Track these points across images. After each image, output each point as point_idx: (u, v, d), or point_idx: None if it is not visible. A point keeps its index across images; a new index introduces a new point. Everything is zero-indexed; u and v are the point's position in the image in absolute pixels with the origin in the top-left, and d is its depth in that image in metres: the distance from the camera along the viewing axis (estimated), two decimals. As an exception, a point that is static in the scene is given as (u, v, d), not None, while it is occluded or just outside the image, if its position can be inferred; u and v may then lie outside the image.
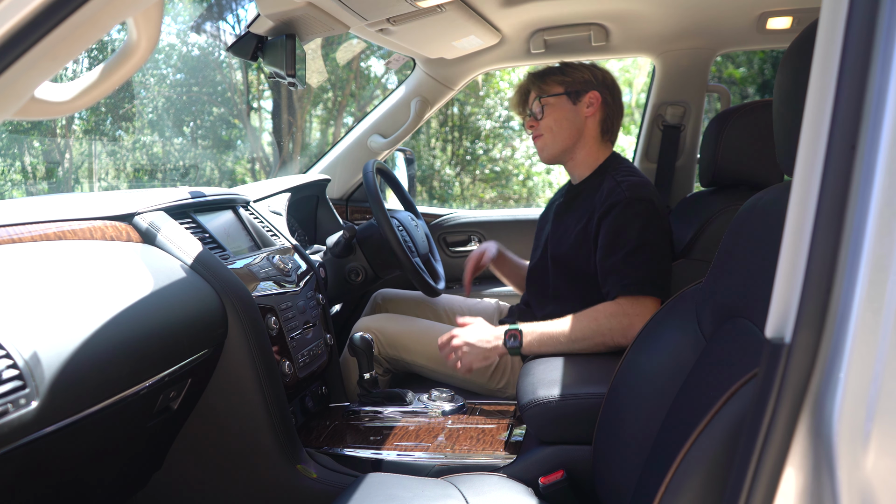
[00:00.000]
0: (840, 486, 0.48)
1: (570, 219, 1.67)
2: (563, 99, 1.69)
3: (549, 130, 1.69)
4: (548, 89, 1.70)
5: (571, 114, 1.70)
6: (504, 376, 1.71)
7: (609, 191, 1.57)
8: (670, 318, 1.03)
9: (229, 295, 1.28)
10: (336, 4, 1.45)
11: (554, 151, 1.71)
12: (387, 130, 2.34)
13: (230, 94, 10.39)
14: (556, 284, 1.66)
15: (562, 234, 1.67)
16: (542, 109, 1.69)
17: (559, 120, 1.70)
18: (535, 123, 1.71)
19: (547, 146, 1.71)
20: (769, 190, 0.86)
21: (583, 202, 1.66)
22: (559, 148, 1.71)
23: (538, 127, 1.71)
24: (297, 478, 1.33)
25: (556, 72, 1.71)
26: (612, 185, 1.58)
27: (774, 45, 2.11)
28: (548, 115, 1.69)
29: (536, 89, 1.71)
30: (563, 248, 1.64)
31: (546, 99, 1.69)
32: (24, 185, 8.06)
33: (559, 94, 1.68)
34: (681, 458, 0.65)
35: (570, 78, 1.70)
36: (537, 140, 1.72)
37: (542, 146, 1.72)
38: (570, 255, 1.62)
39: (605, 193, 1.57)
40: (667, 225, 1.56)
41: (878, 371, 0.48)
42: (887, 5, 0.48)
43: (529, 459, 1.28)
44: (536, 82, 1.72)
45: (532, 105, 1.72)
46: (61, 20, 0.55)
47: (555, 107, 1.69)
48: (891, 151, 0.47)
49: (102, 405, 0.95)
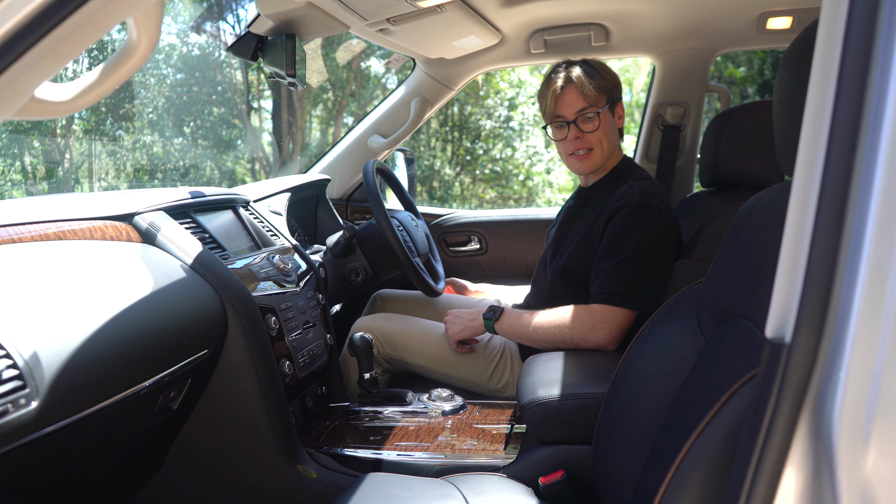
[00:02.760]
0: (840, 486, 0.48)
1: (577, 224, 1.64)
2: (608, 111, 1.61)
3: (598, 144, 1.60)
4: (598, 99, 1.58)
5: (612, 126, 1.63)
6: (504, 376, 1.71)
7: (621, 194, 1.53)
8: (670, 318, 1.03)
9: (229, 295, 1.28)
10: (336, 4, 1.45)
11: (598, 165, 1.63)
12: (387, 130, 2.34)
13: (230, 94, 10.39)
14: (554, 286, 1.65)
15: (566, 240, 1.65)
16: (597, 123, 1.57)
17: (608, 133, 1.61)
18: (581, 135, 1.59)
19: (596, 161, 1.62)
20: (769, 190, 0.86)
21: (593, 206, 1.62)
22: (602, 162, 1.64)
23: (584, 140, 1.59)
24: (297, 478, 1.33)
25: (598, 75, 1.59)
26: (624, 189, 1.54)
27: (774, 45, 2.11)
28: (601, 128, 1.59)
29: (585, 98, 1.57)
30: (565, 254, 1.62)
31: (605, 113, 1.58)
32: (24, 185, 8.06)
33: (605, 105, 1.59)
34: (681, 458, 0.65)
35: (610, 83, 1.61)
36: (586, 157, 1.61)
37: (592, 162, 1.62)
38: (571, 261, 1.60)
39: (616, 197, 1.54)
40: (673, 233, 1.53)
41: (878, 371, 0.48)
42: (887, 5, 0.48)
43: (529, 459, 1.28)
44: (587, 88, 1.57)
45: (579, 119, 1.58)
46: (61, 20, 0.55)
47: (603, 118, 1.59)
48: (891, 151, 0.47)
49: (102, 405, 0.95)
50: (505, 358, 1.71)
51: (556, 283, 1.64)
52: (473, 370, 1.71)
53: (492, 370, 1.71)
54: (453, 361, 1.72)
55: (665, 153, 2.24)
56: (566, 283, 1.62)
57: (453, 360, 1.72)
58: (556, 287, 1.64)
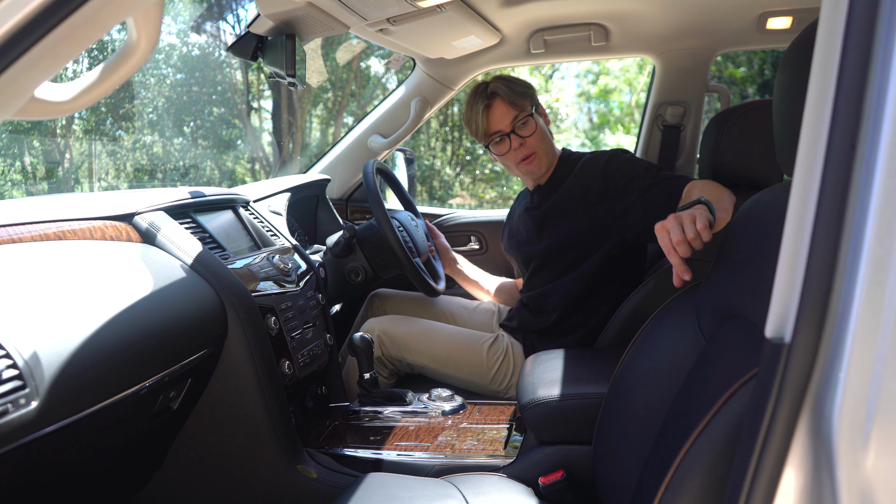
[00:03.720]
0: (840, 486, 0.48)
1: (553, 205, 1.68)
2: (535, 114, 1.69)
3: (540, 145, 1.68)
4: (524, 105, 1.66)
5: (544, 126, 1.72)
6: (506, 378, 1.71)
7: (590, 160, 1.62)
8: (670, 318, 1.03)
9: (229, 295, 1.28)
10: (336, 4, 1.45)
11: (546, 166, 1.71)
12: (387, 130, 2.34)
13: (230, 94, 10.40)
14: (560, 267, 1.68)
15: (550, 219, 1.68)
16: (534, 126, 1.66)
17: (544, 134, 1.70)
18: (523, 141, 1.67)
19: (542, 162, 1.70)
20: (769, 190, 0.86)
21: (560, 188, 1.67)
22: (549, 162, 1.71)
23: (527, 145, 1.67)
24: (297, 478, 1.33)
25: (513, 85, 1.67)
26: (588, 158, 1.64)
27: (774, 45, 2.11)
28: (538, 130, 1.67)
29: (513, 106, 1.65)
30: (557, 229, 1.65)
31: (535, 116, 1.66)
32: (24, 185, 8.07)
33: (532, 109, 1.68)
34: (681, 458, 0.65)
35: (525, 90, 1.69)
36: (531, 161, 1.68)
37: (538, 164, 1.69)
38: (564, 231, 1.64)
39: (587, 163, 1.62)
40: None
41: (878, 371, 0.48)
42: (887, 5, 0.48)
43: (529, 459, 1.28)
44: (511, 98, 1.65)
45: (515, 128, 1.65)
46: (61, 20, 0.55)
47: (536, 120, 1.68)
48: (891, 151, 0.47)
49: (102, 405, 0.95)
50: (508, 359, 1.71)
51: (563, 261, 1.67)
52: (476, 371, 1.71)
53: (494, 371, 1.71)
54: (456, 362, 1.73)
55: (665, 153, 2.24)
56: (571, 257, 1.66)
57: (456, 361, 1.73)
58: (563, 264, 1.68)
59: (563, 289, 1.67)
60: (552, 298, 1.69)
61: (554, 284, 1.69)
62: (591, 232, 1.61)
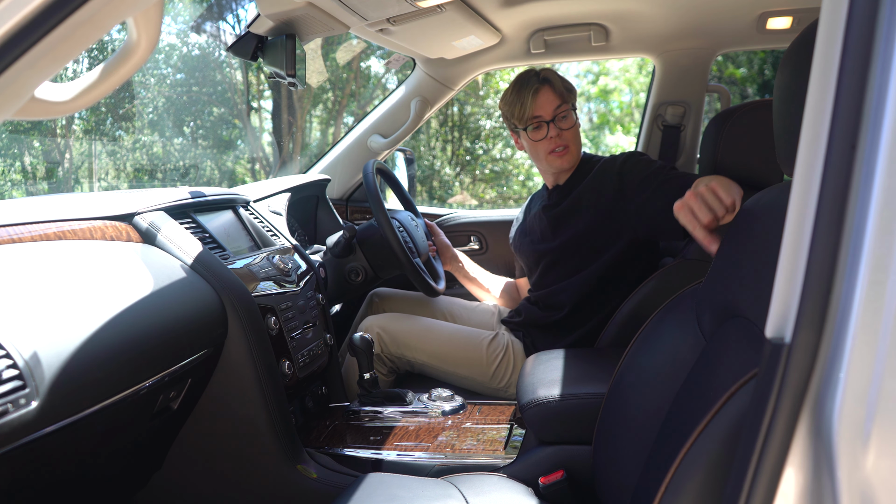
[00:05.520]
0: (840, 486, 0.48)
1: (569, 204, 1.70)
2: (575, 110, 1.74)
3: (575, 140, 1.73)
4: (570, 97, 1.72)
5: (579, 124, 1.77)
6: (506, 376, 1.71)
7: (608, 162, 1.66)
8: (670, 318, 1.03)
9: (229, 295, 1.28)
10: (336, 4, 1.45)
11: (575, 162, 1.75)
12: (387, 130, 2.34)
13: (230, 94, 10.40)
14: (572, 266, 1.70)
15: (566, 217, 1.70)
16: (573, 121, 1.71)
17: (578, 133, 1.75)
18: (559, 132, 1.70)
19: (573, 157, 1.73)
20: (769, 190, 0.86)
21: (578, 188, 1.70)
22: (577, 158, 1.75)
23: (563, 136, 1.70)
24: (297, 478, 1.33)
25: (563, 79, 1.73)
26: (606, 160, 1.67)
27: (774, 45, 2.11)
28: (576, 125, 1.73)
29: (560, 95, 1.70)
30: (572, 227, 1.68)
31: (575, 112, 1.72)
32: (24, 185, 8.07)
33: (574, 104, 1.73)
34: (681, 458, 0.65)
35: (572, 88, 1.75)
36: (562, 154, 1.71)
37: (570, 158, 1.73)
38: (580, 228, 1.66)
39: (605, 165, 1.65)
40: None
41: (878, 371, 0.48)
42: (887, 5, 0.48)
43: (529, 459, 1.28)
44: (561, 87, 1.70)
45: (556, 118, 1.69)
46: (61, 20, 0.55)
47: (574, 117, 1.73)
48: (891, 151, 0.47)
49: (102, 405, 0.95)
50: (508, 356, 1.72)
51: (574, 260, 1.70)
52: (476, 368, 1.72)
53: (494, 368, 1.71)
54: (456, 359, 1.73)
55: (665, 153, 2.24)
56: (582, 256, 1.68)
57: (456, 358, 1.73)
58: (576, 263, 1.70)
59: (574, 286, 1.68)
60: (563, 295, 1.70)
61: (565, 283, 1.70)
62: (605, 231, 1.63)
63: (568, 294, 1.69)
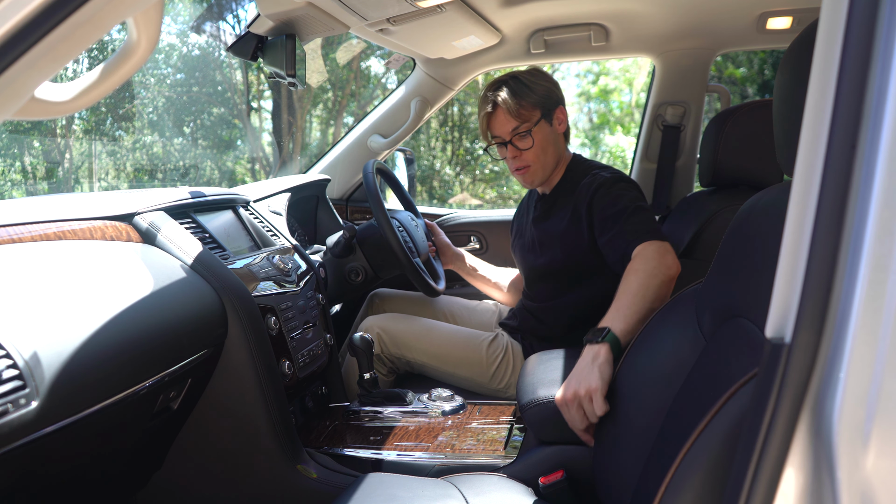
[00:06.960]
0: (840, 486, 0.48)
1: (551, 224, 1.66)
2: (543, 122, 1.62)
3: (537, 160, 1.63)
4: (529, 115, 1.60)
5: (552, 135, 1.65)
6: (505, 376, 1.71)
7: (588, 183, 1.56)
8: (670, 318, 1.03)
9: (229, 295, 1.28)
10: (336, 4, 1.45)
11: (542, 178, 1.68)
12: (387, 130, 2.34)
13: (230, 94, 10.40)
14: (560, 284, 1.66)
15: (548, 239, 1.66)
16: (531, 142, 1.60)
17: (545, 147, 1.63)
18: (519, 154, 1.63)
19: (536, 176, 1.66)
20: (769, 190, 0.86)
21: (562, 205, 1.65)
22: (547, 174, 1.67)
23: (522, 157, 1.63)
24: (297, 478, 1.33)
25: (526, 91, 1.60)
26: (589, 179, 1.57)
27: (774, 45, 2.11)
28: (535, 144, 1.61)
29: (516, 117, 1.59)
30: (553, 250, 1.64)
31: (539, 126, 1.60)
32: (24, 185, 8.07)
33: (539, 119, 1.61)
34: (681, 458, 0.65)
35: (540, 96, 1.62)
36: (525, 172, 1.65)
37: (531, 177, 1.66)
38: (559, 254, 1.62)
39: (585, 186, 1.56)
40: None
41: (878, 371, 0.48)
42: (887, 5, 0.48)
43: (529, 459, 1.28)
44: (515, 108, 1.59)
45: (514, 138, 1.61)
46: (61, 20, 0.55)
47: (538, 133, 1.62)
48: (891, 151, 0.47)
49: (102, 405, 0.95)
50: (507, 357, 1.72)
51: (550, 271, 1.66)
52: (476, 369, 1.72)
53: (494, 369, 1.71)
54: (456, 360, 1.73)
55: (665, 153, 2.24)
56: (560, 270, 1.64)
57: (456, 359, 1.73)
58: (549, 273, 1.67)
59: (564, 305, 1.66)
60: (554, 313, 1.68)
61: (555, 301, 1.67)
62: (585, 257, 1.59)
63: (559, 313, 1.67)
